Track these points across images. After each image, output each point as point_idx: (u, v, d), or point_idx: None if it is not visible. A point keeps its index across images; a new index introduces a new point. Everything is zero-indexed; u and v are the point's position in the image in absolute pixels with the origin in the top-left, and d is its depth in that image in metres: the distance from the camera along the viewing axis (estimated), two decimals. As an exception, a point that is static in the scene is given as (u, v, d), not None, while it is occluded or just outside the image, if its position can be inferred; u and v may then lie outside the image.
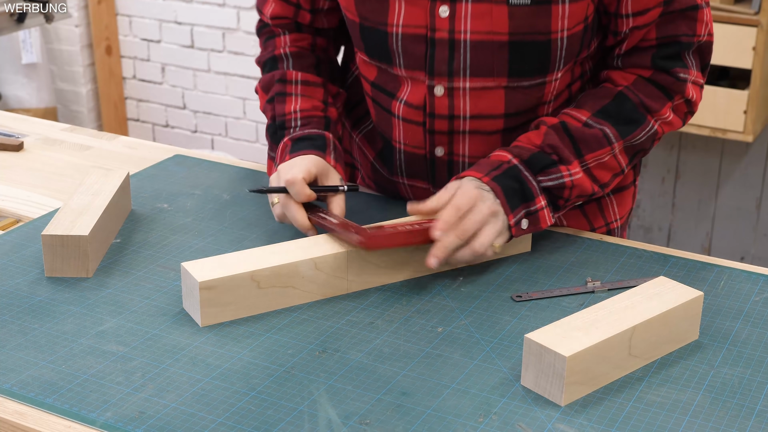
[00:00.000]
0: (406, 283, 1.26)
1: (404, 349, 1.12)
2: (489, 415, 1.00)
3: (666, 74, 1.35)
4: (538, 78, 1.34)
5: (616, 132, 1.33)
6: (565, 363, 1.00)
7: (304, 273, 1.19)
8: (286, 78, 1.46)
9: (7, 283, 1.25)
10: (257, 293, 1.17)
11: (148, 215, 1.45)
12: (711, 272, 1.30)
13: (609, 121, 1.33)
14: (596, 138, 1.32)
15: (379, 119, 1.45)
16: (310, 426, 0.98)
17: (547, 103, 1.38)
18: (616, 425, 0.99)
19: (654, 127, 1.36)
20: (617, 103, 1.34)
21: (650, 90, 1.35)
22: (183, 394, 1.03)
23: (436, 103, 1.36)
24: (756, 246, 3.30)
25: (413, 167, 1.44)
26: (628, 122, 1.34)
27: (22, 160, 1.67)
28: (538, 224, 1.30)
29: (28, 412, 1.00)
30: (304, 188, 1.28)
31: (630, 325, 1.06)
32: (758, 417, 1.00)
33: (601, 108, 1.34)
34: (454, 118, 1.37)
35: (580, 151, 1.32)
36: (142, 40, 4.13)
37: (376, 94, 1.43)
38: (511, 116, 1.37)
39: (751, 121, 2.85)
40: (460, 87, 1.34)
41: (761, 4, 2.76)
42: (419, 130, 1.40)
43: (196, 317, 1.16)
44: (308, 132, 1.39)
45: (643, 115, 1.34)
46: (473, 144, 1.39)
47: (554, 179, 1.30)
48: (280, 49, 1.49)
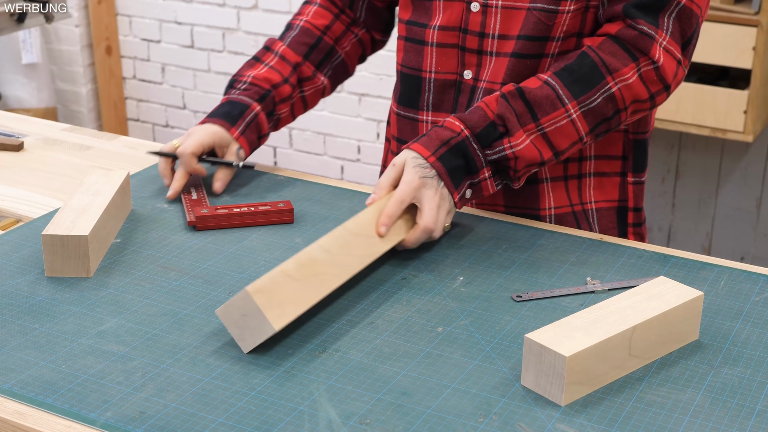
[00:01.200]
0: (406, 283, 1.26)
1: (404, 349, 1.12)
2: (489, 415, 1.00)
3: (631, 28, 1.36)
4: (552, 3, 1.38)
5: (568, 92, 1.35)
6: (566, 363, 1.00)
7: (318, 257, 1.19)
8: (270, 47, 1.60)
9: (7, 283, 1.25)
10: (298, 286, 1.15)
11: (148, 215, 1.45)
12: (711, 272, 1.30)
13: (563, 80, 1.35)
14: (548, 98, 1.35)
15: (410, 56, 1.51)
16: (310, 426, 0.98)
17: (554, 40, 1.40)
18: (616, 425, 0.99)
19: (611, 89, 1.35)
20: (577, 61, 1.36)
21: (614, 49, 1.36)
22: (183, 394, 1.03)
23: (470, 19, 1.43)
24: (756, 246, 3.30)
25: (441, 96, 1.49)
26: (582, 81, 1.35)
27: (22, 160, 1.67)
28: (481, 193, 1.37)
29: (28, 412, 1.00)
30: (191, 161, 1.49)
31: (630, 325, 1.06)
32: (758, 417, 1.00)
33: (562, 67, 1.37)
34: (484, 37, 1.43)
35: (536, 114, 1.35)
36: (142, 40, 4.13)
37: (410, 29, 1.51)
38: (522, 39, 1.40)
39: (751, 121, 2.86)
40: (493, 4, 1.41)
41: (761, 4, 2.76)
42: (453, 52, 1.46)
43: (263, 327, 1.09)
44: (236, 98, 1.55)
45: (600, 74, 1.35)
46: (495, 67, 1.43)
47: (497, 152, 1.34)
48: (297, 19, 1.63)
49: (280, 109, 1.58)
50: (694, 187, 3.32)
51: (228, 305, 1.10)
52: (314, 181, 1.57)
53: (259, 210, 1.42)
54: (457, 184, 1.33)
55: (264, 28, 3.83)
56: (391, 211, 1.29)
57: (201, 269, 1.29)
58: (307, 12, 1.63)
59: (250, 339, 1.10)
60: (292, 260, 1.16)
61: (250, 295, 1.08)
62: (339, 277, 1.20)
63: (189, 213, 1.42)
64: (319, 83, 1.62)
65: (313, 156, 3.93)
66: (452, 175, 1.33)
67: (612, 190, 1.52)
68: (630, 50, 1.36)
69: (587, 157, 1.49)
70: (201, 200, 1.46)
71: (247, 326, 1.09)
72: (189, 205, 1.45)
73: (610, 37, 1.37)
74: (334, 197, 1.51)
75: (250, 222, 1.41)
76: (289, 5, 3.73)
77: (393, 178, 1.33)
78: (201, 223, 1.40)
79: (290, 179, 1.58)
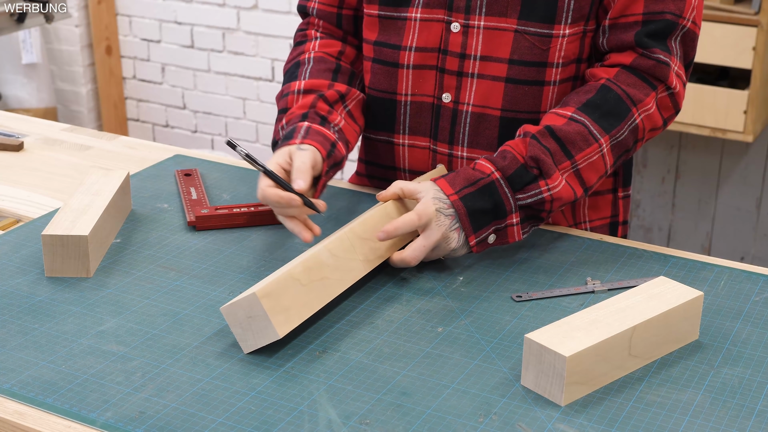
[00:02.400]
0: (406, 283, 1.26)
1: (404, 349, 1.12)
2: (489, 415, 1.00)
3: (647, 57, 1.35)
4: (545, 27, 1.35)
5: (599, 127, 1.33)
6: (566, 363, 1.00)
7: (325, 261, 1.19)
8: (289, 89, 1.45)
9: (7, 283, 1.25)
10: (304, 291, 1.14)
11: (148, 215, 1.45)
12: (711, 272, 1.30)
13: (590, 115, 1.33)
14: (581, 135, 1.32)
15: (380, 79, 1.46)
16: (310, 426, 0.98)
17: (553, 66, 1.38)
18: (616, 425, 0.99)
19: (636, 121, 1.35)
20: (600, 95, 1.34)
21: (632, 80, 1.35)
22: (183, 394, 1.03)
23: (450, 39, 1.39)
24: (756, 246, 3.30)
25: (418, 119, 1.45)
26: (610, 115, 1.33)
27: (22, 160, 1.67)
28: (506, 239, 1.32)
29: (28, 412, 1.00)
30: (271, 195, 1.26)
31: (630, 325, 1.06)
32: (758, 417, 1.00)
33: (585, 102, 1.34)
34: (465, 58, 1.39)
35: (570, 152, 1.32)
36: (142, 40, 4.13)
37: (380, 51, 1.46)
38: (515, 64, 1.38)
39: (751, 121, 2.85)
40: (475, 25, 1.37)
41: (761, 4, 2.76)
42: (431, 74, 1.42)
43: (267, 332, 1.09)
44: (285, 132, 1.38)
45: (626, 107, 1.34)
46: (479, 90, 1.40)
47: (533, 195, 1.30)
48: (305, 54, 1.51)
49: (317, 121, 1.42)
50: (694, 187, 3.32)
51: (234, 304, 1.10)
52: (314, 181, 1.57)
53: (259, 210, 1.41)
54: (479, 227, 1.29)
55: (264, 28, 3.83)
56: (395, 228, 1.25)
57: (201, 269, 1.29)
58: (310, 47, 1.52)
59: (252, 341, 1.09)
60: (300, 263, 1.15)
61: (258, 299, 1.08)
62: (343, 283, 1.20)
63: (189, 213, 1.42)
64: (358, 94, 1.49)
65: (313, 156, 3.92)
66: (473, 217, 1.28)
67: (605, 208, 1.52)
68: (648, 79, 1.36)
69: None
70: (201, 200, 1.46)
71: (251, 328, 1.09)
72: (189, 205, 1.45)
73: (625, 68, 1.36)
74: (334, 197, 1.51)
75: (250, 222, 1.41)
76: (289, 5, 3.73)
77: (411, 189, 1.30)
78: (201, 223, 1.40)
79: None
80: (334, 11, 1.52)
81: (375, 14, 1.45)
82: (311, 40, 1.53)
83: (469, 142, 1.42)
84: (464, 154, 1.43)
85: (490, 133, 1.41)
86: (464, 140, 1.42)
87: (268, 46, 3.84)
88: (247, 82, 3.95)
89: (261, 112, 3.96)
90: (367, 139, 1.54)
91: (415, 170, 1.49)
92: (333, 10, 1.52)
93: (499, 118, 1.40)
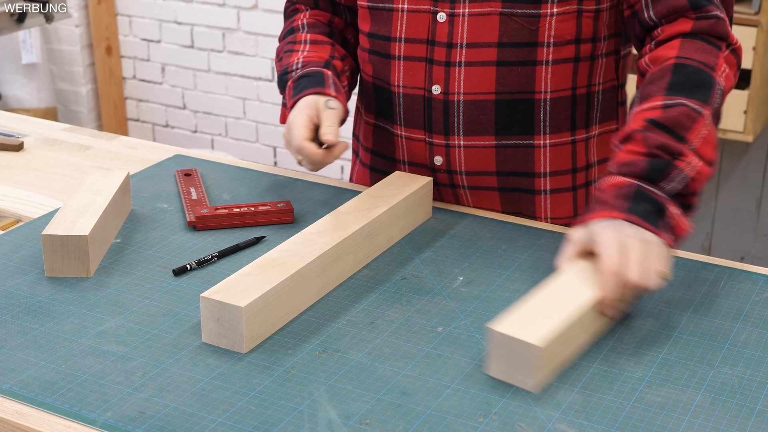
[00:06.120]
0: (406, 283, 1.26)
1: (404, 349, 1.12)
2: (489, 415, 1.00)
3: (704, 18, 1.30)
4: (531, 7, 1.35)
5: (696, 101, 1.24)
6: (538, 352, 1.02)
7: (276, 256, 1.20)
8: (295, 39, 1.53)
9: (7, 283, 1.25)
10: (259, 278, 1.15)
11: (148, 215, 1.45)
12: (711, 272, 1.30)
13: (682, 94, 1.25)
14: (684, 114, 1.23)
15: (379, 69, 1.48)
16: (310, 426, 0.98)
17: (544, 45, 1.37)
18: (616, 425, 0.99)
19: (721, 85, 1.28)
20: (679, 74, 1.27)
21: (699, 45, 1.29)
22: (183, 394, 1.03)
23: (437, 30, 1.39)
24: (756, 246, 3.30)
25: (412, 111, 1.46)
26: (697, 88, 1.26)
27: (22, 160, 1.67)
28: (678, 234, 1.20)
29: (28, 412, 1.00)
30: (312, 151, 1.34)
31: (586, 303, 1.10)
32: (758, 417, 1.00)
33: (667, 86, 1.26)
34: (452, 47, 1.39)
35: (681, 135, 1.22)
36: (142, 40, 4.13)
37: (374, 42, 1.47)
38: (505, 46, 1.37)
39: (751, 121, 2.85)
40: (460, 13, 1.37)
41: (761, 4, 2.76)
42: (420, 66, 1.42)
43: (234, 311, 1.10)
44: (307, 70, 1.44)
45: (708, 75, 1.27)
46: (468, 78, 1.39)
47: (678, 179, 1.20)
48: (297, 21, 1.57)
49: (342, 78, 1.50)
50: (694, 187, 3.32)
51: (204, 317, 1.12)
52: (314, 181, 1.57)
53: (259, 210, 1.42)
54: (656, 224, 1.17)
55: (264, 28, 3.83)
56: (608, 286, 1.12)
57: (201, 269, 1.29)
58: (301, 16, 1.58)
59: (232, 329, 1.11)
60: (247, 266, 1.18)
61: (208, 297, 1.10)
62: (305, 260, 1.20)
63: (189, 213, 1.42)
64: (352, 62, 1.57)
65: (313, 156, 3.92)
66: (648, 219, 1.17)
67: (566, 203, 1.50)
68: (712, 41, 1.30)
69: (592, 164, 1.48)
70: (201, 200, 1.46)
71: (224, 324, 1.11)
72: (189, 205, 1.45)
73: (685, 37, 1.30)
74: (334, 197, 1.51)
75: (250, 222, 1.41)
76: (289, 5, 3.73)
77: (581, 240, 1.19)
78: (201, 223, 1.40)
79: (290, 179, 1.58)
80: None
81: (365, 5, 1.47)
82: (301, 11, 1.59)
83: (465, 130, 1.42)
84: (461, 143, 1.43)
85: (486, 118, 1.41)
86: (460, 129, 1.42)
87: (268, 46, 3.85)
88: (247, 82, 3.95)
89: (261, 112, 3.96)
90: (375, 127, 1.54)
91: (414, 162, 1.49)
92: None
93: (494, 102, 1.40)
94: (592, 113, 1.45)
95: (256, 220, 1.41)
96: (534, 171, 1.45)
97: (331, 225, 1.29)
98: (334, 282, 1.25)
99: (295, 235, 1.27)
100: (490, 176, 1.45)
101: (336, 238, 1.25)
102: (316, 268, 1.21)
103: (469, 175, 1.45)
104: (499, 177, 1.45)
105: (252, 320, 1.10)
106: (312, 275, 1.20)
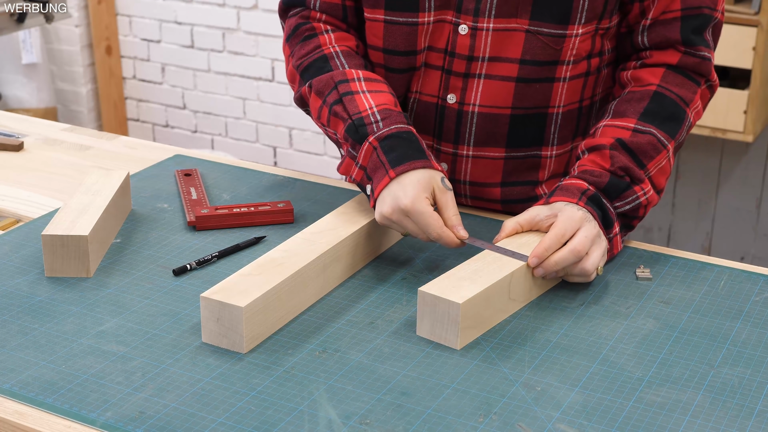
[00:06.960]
0: (406, 283, 1.26)
1: (404, 349, 1.12)
2: (489, 415, 1.00)
3: (692, 56, 1.36)
4: (558, 27, 1.35)
5: (665, 133, 1.33)
6: (460, 309, 1.09)
7: (276, 257, 1.20)
8: (347, 77, 1.38)
9: (7, 283, 1.25)
10: (259, 278, 1.15)
11: (148, 215, 1.45)
12: (711, 272, 1.30)
13: (654, 123, 1.33)
14: (651, 144, 1.32)
15: (391, 82, 1.43)
16: (310, 426, 0.98)
17: (564, 63, 1.37)
18: (616, 425, 0.99)
19: (690, 120, 1.37)
20: (656, 103, 1.34)
21: (680, 80, 1.36)
22: (183, 394, 1.03)
23: (458, 41, 1.38)
24: (756, 246, 3.30)
25: (422, 117, 1.44)
26: (669, 120, 1.34)
27: (22, 160, 1.67)
28: (612, 251, 1.30)
29: (28, 412, 1.00)
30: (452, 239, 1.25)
31: (508, 272, 1.16)
32: (758, 417, 1.00)
33: (643, 111, 1.34)
34: (473, 60, 1.38)
35: (642, 162, 1.32)
36: (142, 40, 4.13)
37: (390, 60, 1.42)
38: (527, 64, 1.37)
39: (751, 121, 2.85)
40: (483, 27, 1.36)
41: (761, 4, 2.76)
42: (435, 74, 1.41)
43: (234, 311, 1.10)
44: (395, 129, 1.31)
45: (682, 109, 1.35)
46: (486, 91, 1.39)
47: (630, 202, 1.30)
48: (328, 48, 1.43)
49: None
50: (694, 188, 3.32)
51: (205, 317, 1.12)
52: (314, 181, 1.57)
53: (259, 210, 1.42)
54: (606, 231, 1.28)
55: (264, 28, 3.83)
56: (548, 244, 1.20)
57: (201, 269, 1.29)
58: (327, 41, 1.44)
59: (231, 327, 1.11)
60: (247, 266, 1.18)
61: (208, 297, 1.11)
62: (305, 260, 1.20)
63: (189, 213, 1.42)
64: None
65: (313, 156, 3.93)
66: (602, 222, 1.27)
67: None
68: (693, 77, 1.37)
69: None
70: (201, 200, 1.46)
71: (224, 324, 1.11)
72: (189, 205, 1.45)
73: (670, 68, 1.37)
74: (334, 197, 1.51)
75: (250, 222, 1.41)
76: (289, 5, 3.73)
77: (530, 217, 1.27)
78: (201, 223, 1.40)
79: (290, 179, 1.58)
80: (339, 2, 1.45)
81: (381, 19, 1.40)
82: (323, 33, 1.45)
83: (477, 141, 1.41)
84: (470, 153, 1.43)
85: (499, 131, 1.40)
86: (470, 139, 1.42)
87: (268, 46, 3.84)
88: (247, 82, 3.95)
89: (261, 112, 3.96)
90: None
91: None
92: (338, 2, 1.45)
93: (509, 116, 1.39)
94: (591, 121, 1.46)
95: (256, 220, 1.41)
96: (538, 179, 1.45)
97: (331, 225, 1.29)
98: (334, 282, 1.25)
99: (295, 235, 1.27)
100: (494, 188, 1.45)
101: (336, 238, 1.25)
102: (316, 268, 1.21)
103: (473, 186, 1.45)
104: (503, 188, 1.45)
105: (252, 320, 1.10)
106: (312, 275, 1.20)
